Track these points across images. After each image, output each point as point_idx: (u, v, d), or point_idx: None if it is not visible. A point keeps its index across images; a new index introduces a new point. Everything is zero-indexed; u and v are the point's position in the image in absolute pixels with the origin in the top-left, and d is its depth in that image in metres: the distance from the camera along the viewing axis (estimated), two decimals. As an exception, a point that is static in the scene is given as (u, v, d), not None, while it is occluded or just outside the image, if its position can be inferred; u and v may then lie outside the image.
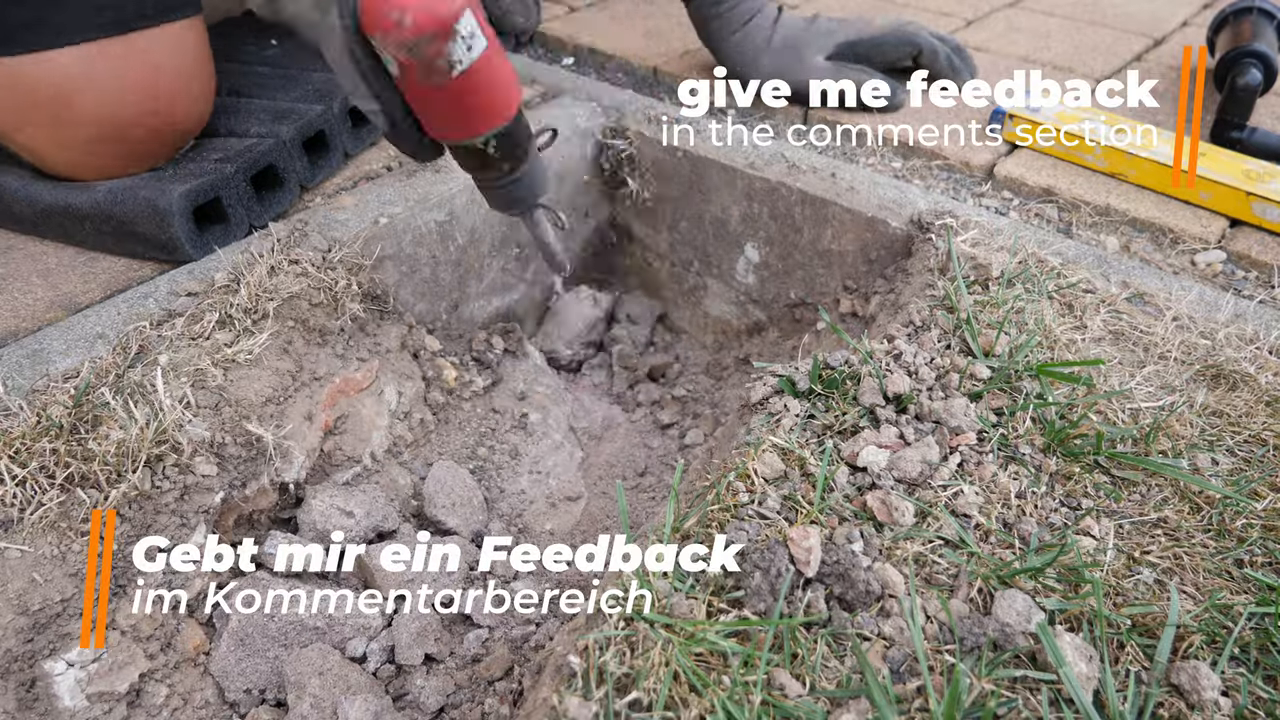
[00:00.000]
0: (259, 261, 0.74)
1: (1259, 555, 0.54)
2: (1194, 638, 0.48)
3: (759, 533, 0.52)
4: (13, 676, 0.53)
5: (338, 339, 0.76)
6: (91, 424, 0.59)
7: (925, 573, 0.51)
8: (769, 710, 0.43)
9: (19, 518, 0.55)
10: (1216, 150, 0.95)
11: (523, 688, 0.62)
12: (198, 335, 0.68)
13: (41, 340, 0.68)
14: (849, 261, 0.94)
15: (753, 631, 0.46)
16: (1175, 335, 0.72)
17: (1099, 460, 0.60)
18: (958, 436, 0.60)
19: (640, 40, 1.31)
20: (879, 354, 0.66)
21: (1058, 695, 0.44)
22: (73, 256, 0.79)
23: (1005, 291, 0.74)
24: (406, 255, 0.87)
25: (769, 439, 0.59)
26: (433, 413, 0.88)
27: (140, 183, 0.77)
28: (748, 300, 1.08)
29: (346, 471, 0.76)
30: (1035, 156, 1.01)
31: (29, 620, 0.53)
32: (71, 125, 0.75)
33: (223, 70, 0.87)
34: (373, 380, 0.79)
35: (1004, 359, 0.66)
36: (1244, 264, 0.85)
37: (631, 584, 0.48)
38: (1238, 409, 0.65)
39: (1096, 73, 1.22)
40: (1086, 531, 0.55)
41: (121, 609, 0.57)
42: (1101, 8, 1.47)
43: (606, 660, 0.45)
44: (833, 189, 0.94)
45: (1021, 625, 0.46)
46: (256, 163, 0.82)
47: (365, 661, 0.64)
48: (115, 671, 0.56)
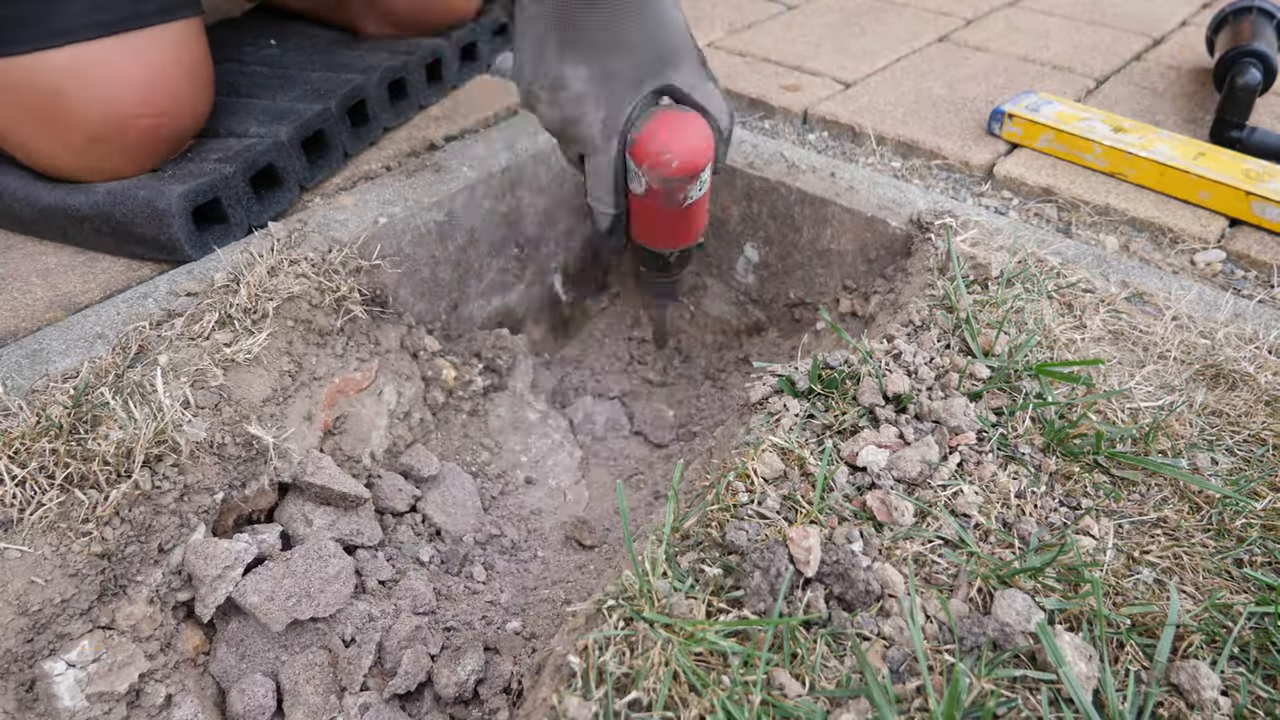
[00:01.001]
0: (258, 261, 0.74)
1: (1259, 555, 0.54)
2: (1194, 637, 0.48)
3: (759, 532, 0.52)
4: (12, 676, 0.53)
5: (337, 339, 0.76)
6: (91, 424, 0.59)
7: (925, 572, 0.51)
8: (769, 710, 0.43)
9: (19, 518, 0.55)
10: (1216, 150, 0.95)
11: (522, 688, 0.62)
12: (197, 335, 0.68)
13: (41, 340, 0.68)
14: (848, 261, 0.94)
15: (752, 631, 0.46)
16: (1175, 335, 0.72)
17: (1098, 460, 0.60)
18: (957, 436, 0.60)
19: (640, 40, 1.30)
20: (878, 354, 0.66)
21: (1057, 695, 0.44)
22: (72, 256, 0.79)
23: (1005, 291, 0.74)
24: (406, 255, 0.87)
25: (769, 439, 0.59)
26: (432, 413, 0.88)
27: (139, 183, 0.77)
28: (747, 300, 1.08)
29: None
30: (1035, 156, 1.01)
31: (29, 620, 0.53)
32: (68, 126, 0.74)
33: (221, 70, 0.87)
34: (372, 380, 0.79)
35: (1003, 358, 0.66)
36: (1243, 263, 0.85)
37: (631, 584, 0.48)
38: (1237, 408, 0.65)
39: (1096, 72, 1.22)
40: (1086, 531, 0.55)
41: (121, 609, 0.57)
42: (1101, 7, 1.47)
43: (606, 660, 0.45)
44: (832, 188, 0.94)
45: (1021, 625, 0.46)
46: (255, 163, 0.82)
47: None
48: (115, 671, 0.56)
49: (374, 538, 0.72)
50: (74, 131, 0.75)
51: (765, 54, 1.27)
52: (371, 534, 0.72)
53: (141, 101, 0.76)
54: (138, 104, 0.76)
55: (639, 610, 0.47)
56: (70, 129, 0.74)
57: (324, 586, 0.64)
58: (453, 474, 0.83)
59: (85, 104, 0.74)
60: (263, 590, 0.62)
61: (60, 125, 0.74)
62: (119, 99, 0.75)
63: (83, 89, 0.73)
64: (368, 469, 0.78)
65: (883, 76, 1.21)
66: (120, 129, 0.76)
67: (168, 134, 0.80)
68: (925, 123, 1.07)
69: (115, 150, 0.77)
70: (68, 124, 0.74)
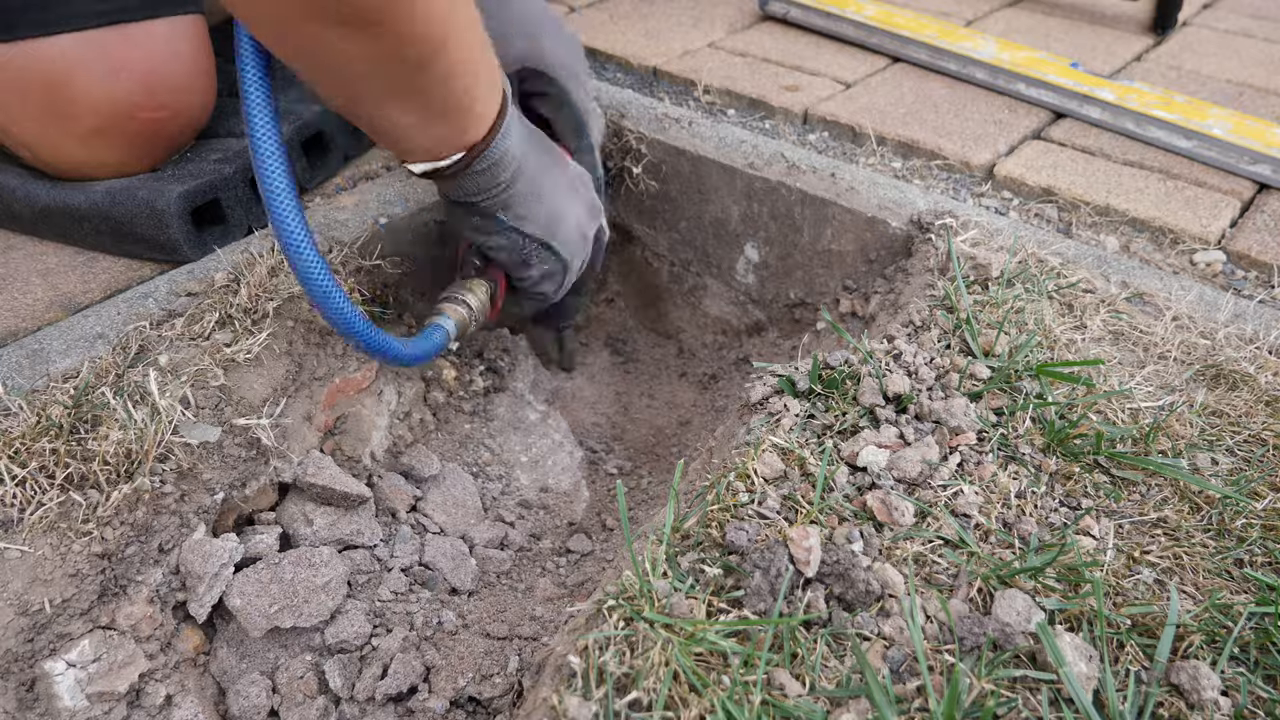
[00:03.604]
0: (259, 262, 0.74)
1: (1259, 555, 0.54)
2: (1194, 637, 0.48)
3: (759, 532, 0.52)
4: (13, 676, 0.53)
5: (337, 339, 0.76)
6: (91, 424, 0.59)
7: (925, 572, 0.51)
8: (769, 710, 0.43)
9: (19, 518, 0.55)
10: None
11: (523, 687, 0.62)
12: (198, 335, 0.68)
13: (41, 340, 0.68)
14: (849, 261, 0.94)
15: (752, 631, 0.46)
16: (1175, 335, 0.72)
17: (1099, 460, 0.60)
18: (957, 436, 0.60)
19: (640, 40, 1.31)
20: (879, 354, 0.66)
21: (1057, 695, 0.44)
22: (72, 256, 0.79)
23: (1005, 291, 0.74)
24: (406, 255, 0.87)
25: (769, 439, 0.59)
26: (433, 413, 0.88)
27: (139, 183, 0.77)
28: (748, 300, 1.08)
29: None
30: (1036, 155, 1.01)
31: (29, 620, 0.53)
32: (73, 115, 0.74)
33: (222, 71, 0.87)
34: (372, 380, 0.79)
35: (1004, 359, 0.66)
36: (1244, 264, 0.85)
37: (631, 584, 0.48)
38: (1237, 409, 0.65)
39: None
40: (1086, 531, 0.55)
41: (122, 609, 0.57)
42: (1102, 7, 1.47)
43: (606, 660, 0.45)
44: (833, 189, 0.94)
45: (1021, 625, 0.46)
46: (256, 163, 0.82)
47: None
48: (115, 671, 0.56)
49: (374, 538, 0.72)
50: (78, 121, 0.75)
51: (765, 54, 1.27)
52: (372, 534, 0.72)
53: (145, 91, 0.76)
54: (141, 94, 0.76)
55: (639, 610, 0.47)
56: (74, 118, 0.74)
57: (309, 596, 0.64)
58: (453, 474, 0.83)
59: (89, 92, 0.74)
60: (247, 593, 0.62)
61: (65, 114, 0.74)
62: (123, 88, 0.75)
63: (87, 76, 0.73)
64: (368, 469, 0.78)
65: (883, 76, 1.21)
66: (124, 120, 0.76)
67: (170, 129, 0.80)
68: (926, 123, 1.07)
69: (119, 143, 0.77)
70: (72, 113, 0.74)
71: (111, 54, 0.74)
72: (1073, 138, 1.06)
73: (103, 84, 0.74)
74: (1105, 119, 1.07)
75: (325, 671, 0.63)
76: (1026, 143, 1.05)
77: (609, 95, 1.13)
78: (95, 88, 0.74)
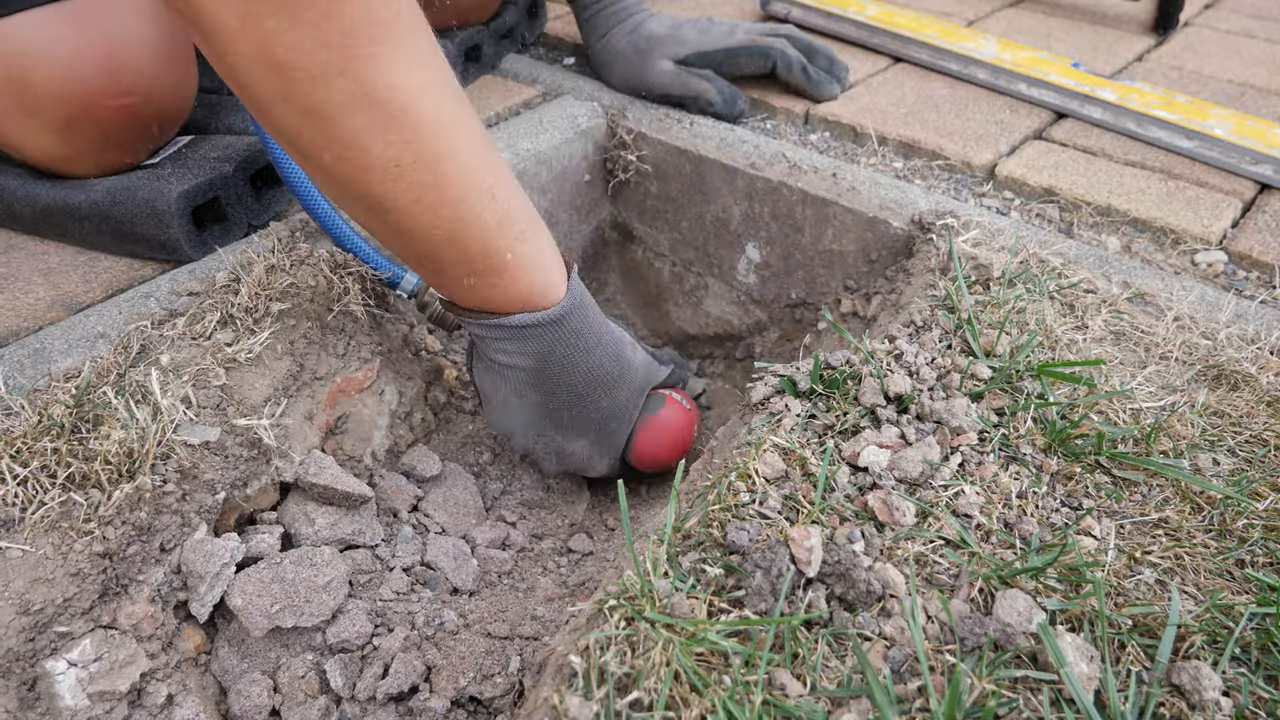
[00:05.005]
0: (260, 261, 0.74)
1: (1260, 555, 0.54)
2: (1195, 638, 0.48)
3: (760, 532, 0.52)
4: (14, 676, 0.53)
5: (339, 338, 0.76)
6: (93, 423, 0.59)
7: (926, 573, 0.51)
8: (770, 710, 0.43)
9: (20, 517, 0.55)
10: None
11: (524, 687, 0.62)
12: (199, 335, 0.68)
13: (43, 339, 0.68)
14: (850, 261, 0.94)
15: (753, 631, 0.46)
16: (1176, 335, 0.72)
17: (1100, 460, 0.60)
18: (959, 436, 0.60)
19: (641, 40, 1.30)
20: (880, 354, 0.66)
21: (1059, 695, 0.44)
22: (74, 256, 0.79)
23: (1006, 291, 0.74)
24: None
25: (770, 439, 0.59)
26: (434, 412, 0.88)
27: (139, 183, 0.77)
28: (749, 300, 1.08)
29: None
30: (1037, 156, 1.01)
31: (30, 620, 0.53)
32: (37, 111, 0.72)
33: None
34: (373, 380, 0.79)
35: (1005, 359, 0.66)
36: (1245, 264, 0.85)
37: (632, 584, 0.48)
38: (1239, 409, 0.65)
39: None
40: (1087, 531, 0.55)
41: (123, 608, 0.57)
42: (1104, 7, 1.47)
43: (607, 660, 0.45)
44: (834, 189, 0.94)
45: (1022, 625, 0.46)
46: (254, 161, 0.82)
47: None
48: (116, 671, 0.56)
49: (375, 537, 0.72)
50: (47, 114, 0.72)
51: (767, 54, 1.27)
52: (373, 534, 0.72)
53: (108, 77, 0.73)
54: (104, 79, 0.73)
55: (640, 610, 0.47)
56: (42, 112, 0.72)
57: (311, 596, 0.64)
58: (455, 474, 0.83)
59: (50, 82, 0.71)
60: (248, 593, 0.62)
61: (33, 109, 0.72)
62: (84, 75, 0.72)
63: (47, 66, 0.70)
64: (369, 469, 0.78)
65: (884, 77, 1.21)
66: (92, 109, 0.73)
67: (144, 116, 0.77)
68: (927, 123, 1.07)
69: (93, 135, 0.75)
70: (39, 107, 0.72)
71: (66, 38, 0.71)
72: (1074, 138, 1.06)
73: (63, 73, 0.71)
74: (1107, 119, 1.07)
75: (326, 671, 0.63)
76: (1028, 143, 1.05)
77: (610, 95, 1.13)
78: (56, 77, 0.71)
